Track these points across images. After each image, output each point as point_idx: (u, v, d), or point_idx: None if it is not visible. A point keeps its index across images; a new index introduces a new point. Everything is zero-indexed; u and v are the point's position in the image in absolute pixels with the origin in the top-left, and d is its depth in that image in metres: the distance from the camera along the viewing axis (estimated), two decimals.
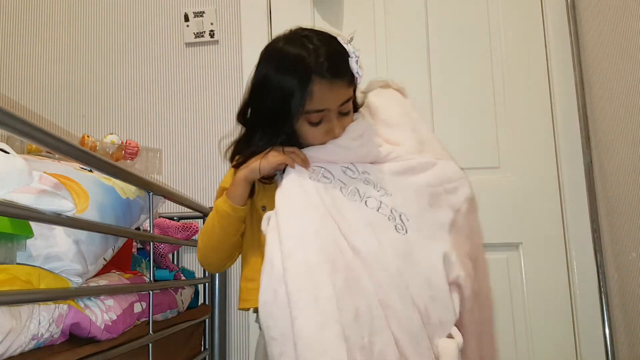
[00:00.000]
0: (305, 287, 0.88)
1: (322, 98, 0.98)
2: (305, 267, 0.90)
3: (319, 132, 1.02)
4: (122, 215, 1.07)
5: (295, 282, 0.89)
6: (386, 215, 1.00)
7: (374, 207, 1.01)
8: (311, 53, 0.96)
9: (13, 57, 2.00)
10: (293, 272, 0.90)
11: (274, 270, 0.91)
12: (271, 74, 1.00)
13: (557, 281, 1.68)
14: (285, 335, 0.87)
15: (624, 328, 1.54)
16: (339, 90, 0.99)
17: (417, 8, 1.85)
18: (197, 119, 1.89)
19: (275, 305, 0.89)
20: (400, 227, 1.00)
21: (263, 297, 0.91)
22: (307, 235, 0.93)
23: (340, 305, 0.88)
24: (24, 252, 0.88)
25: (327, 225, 0.95)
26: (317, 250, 0.92)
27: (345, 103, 1.02)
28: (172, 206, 1.74)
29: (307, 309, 0.87)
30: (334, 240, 0.94)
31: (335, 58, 0.98)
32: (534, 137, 1.75)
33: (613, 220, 1.58)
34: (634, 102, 1.45)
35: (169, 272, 1.41)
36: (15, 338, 0.75)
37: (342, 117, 1.04)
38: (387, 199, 1.02)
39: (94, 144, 1.44)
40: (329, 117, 1.01)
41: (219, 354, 1.66)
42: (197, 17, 1.92)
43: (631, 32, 1.46)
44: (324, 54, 0.96)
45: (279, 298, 0.89)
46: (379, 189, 1.03)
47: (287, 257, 0.91)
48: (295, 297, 0.88)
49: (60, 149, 0.79)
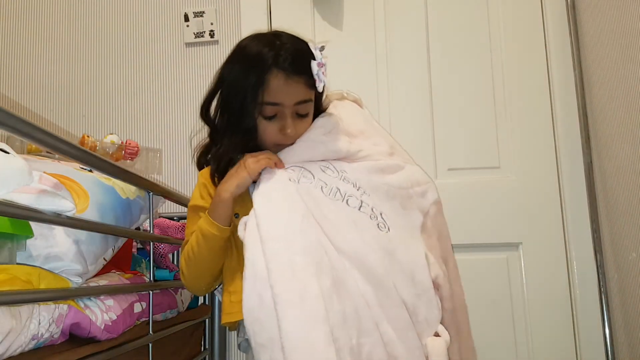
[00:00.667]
0: (292, 288, 0.86)
1: (277, 91, 0.98)
2: (290, 268, 0.88)
3: (273, 127, 1.02)
4: (122, 215, 1.07)
5: (281, 284, 0.87)
6: (368, 214, 1.00)
7: (355, 206, 1.00)
8: (275, 47, 0.98)
9: (13, 57, 2.00)
10: (278, 273, 0.88)
11: (257, 273, 0.89)
12: (235, 66, 1.02)
13: (557, 281, 1.68)
14: (273, 339, 0.85)
15: (624, 328, 1.54)
16: (296, 87, 0.99)
17: (417, 8, 1.85)
18: (197, 119, 1.88)
19: (261, 310, 0.87)
20: (382, 225, 1.00)
21: (248, 302, 0.89)
22: (290, 235, 0.92)
23: (328, 306, 0.86)
24: (24, 252, 0.88)
25: (310, 225, 0.94)
26: (302, 251, 0.90)
27: (302, 104, 1.01)
28: (172, 206, 1.74)
29: (293, 310, 0.85)
30: (318, 241, 0.93)
31: (298, 56, 0.99)
32: (534, 137, 1.75)
33: (613, 220, 1.58)
34: (634, 102, 1.45)
35: (169, 272, 1.41)
36: (15, 338, 0.75)
37: (299, 119, 1.03)
38: (366, 197, 1.02)
39: (94, 144, 1.44)
40: (283, 114, 1.01)
41: (219, 354, 1.66)
42: (197, 17, 1.92)
43: (631, 32, 1.46)
44: (287, 50, 0.98)
45: (265, 302, 0.87)
46: (357, 187, 1.03)
47: (271, 259, 0.89)
48: (282, 298, 0.85)
49: (60, 149, 0.79)
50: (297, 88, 0.99)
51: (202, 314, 1.58)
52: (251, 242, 0.93)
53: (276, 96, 0.99)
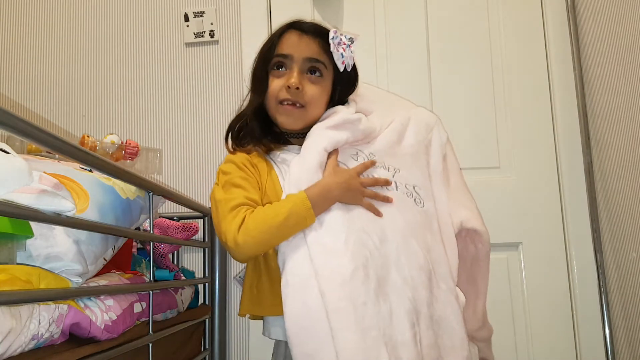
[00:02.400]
0: (344, 296, 0.86)
1: (289, 44, 1.05)
2: (340, 275, 0.88)
3: (279, 82, 1.05)
4: (122, 215, 1.07)
5: (333, 292, 0.86)
6: (404, 192, 1.02)
7: (392, 188, 1.02)
8: (295, 20, 1.09)
9: (13, 57, 2.00)
10: (329, 281, 0.87)
11: (300, 279, 0.89)
12: (263, 44, 1.12)
13: (557, 281, 1.68)
14: (321, 349, 0.84)
15: (624, 328, 1.54)
16: (307, 43, 1.05)
17: (417, 8, 1.85)
18: (197, 119, 1.89)
19: (307, 319, 0.86)
20: (418, 200, 1.02)
21: (291, 310, 0.87)
22: (337, 242, 0.92)
23: (376, 308, 0.87)
24: (24, 252, 0.88)
25: (354, 220, 0.95)
26: (350, 254, 0.90)
27: (313, 62, 1.05)
28: (172, 206, 1.74)
29: (348, 319, 0.84)
30: (363, 231, 0.93)
31: (317, 25, 1.08)
32: (534, 137, 1.75)
33: (613, 220, 1.58)
34: (634, 102, 1.45)
35: (169, 272, 1.41)
36: (15, 338, 0.75)
37: (308, 80, 1.05)
38: (398, 175, 1.03)
39: (94, 144, 1.44)
40: (291, 68, 1.05)
41: (219, 354, 1.66)
42: (197, 17, 1.92)
43: (631, 32, 1.46)
44: (306, 21, 1.08)
45: (311, 310, 0.86)
46: (387, 167, 1.04)
47: (318, 264, 0.89)
48: (335, 306, 0.85)
49: (60, 149, 0.79)
50: (309, 44, 1.05)
51: (202, 314, 1.58)
52: (292, 246, 0.92)
53: (286, 48, 1.05)
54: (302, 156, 1.01)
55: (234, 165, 1.05)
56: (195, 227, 1.47)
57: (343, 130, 1.03)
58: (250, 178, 1.03)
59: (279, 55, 1.05)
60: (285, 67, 1.05)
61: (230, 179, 1.02)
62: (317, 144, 1.01)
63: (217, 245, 1.68)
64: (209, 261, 1.70)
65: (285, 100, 1.05)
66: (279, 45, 1.06)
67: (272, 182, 1.04)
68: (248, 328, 1.75)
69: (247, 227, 0.94)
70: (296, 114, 1.06)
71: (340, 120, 1.04)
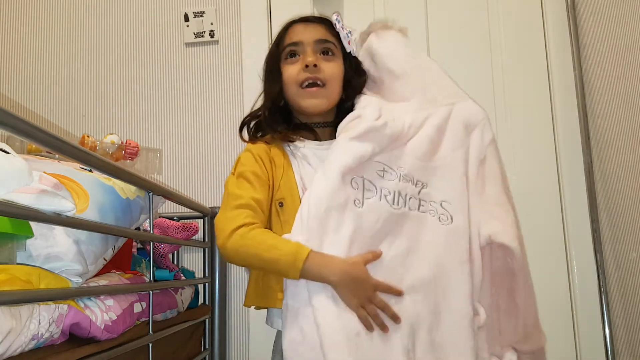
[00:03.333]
0: (339, 328, 0.87)
1: (296, 33, 1.10)
2: (335, 306, 0.89)
3: (295, 68, 1.08)
4: (122, 215, 1.07)
5: (327, 325, 0.87)
6: (428, 211, 0.99)
7: (414, 208, 0.98)
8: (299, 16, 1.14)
9: (13, 57, 2.00)
10: (324, 312, 0.88)
11: (301, 307, 0.90)
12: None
13: (557, 281, 1.68)
14: None
15: (624, 328, 1.54)
16: (314, 27, 1.10)
17: (417, 8, 1.85)
18: (197, 119, 1.89)
19: (303, 345, 0.88)
20: (445, 217, 0.98)
21: (289, 335, 0.90)
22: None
23: (369, 337, 0.88)
24: (24, 252, 0.88)
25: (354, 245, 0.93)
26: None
27: (324, 42, 1.09)
28: (172, 206, 1.74)
29: (341, 355, 0.85)
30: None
31: (319, 16, 1.15)
32: (534, 137, 1.75)
33: (613, 220, 1.58)
34: (634, 102, 1.45)
35: (169, 272, 1.40)
36: (15, 338, 0.75)
37: (323, 59, 1.08)
38: (423, 192, 1.00)
39: (94, 144, 1.44)
40: (304, 51, 1.08)
41: (219, 354, 1.66)
42: (197, 17, 1.92)
43: (631, 32, 1.46)
44: (308, 15, 1.13)
45: (307, 337, 0.88)
46: (415, 182, 1.00)
47: (313, 292, 0.90)
48: (329, 342, 0.86)
49: (60, 149, 0.79)
50: (315, 28, 1.10)
51: (202, 314, 1.58)
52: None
53: (295, 37, 1.09)
54: (325, 173, 0.97)
55: (251, 156, 1.05)
56: (195, 227, 1.47)
57: (367, 142, 0.98)
58: (262, 175, 1.03)
59: (289, 44, 1.09)
60: (297, 54, 1.09)
61: (244, 171, 1.03)
62: (339, 161, 0.97)
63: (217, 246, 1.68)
64: (209, 261, 1.70)
65: (306, 81, 1.06)
66: (286, 37, 1.10)
67: (288, 178, 1.03)
68: (248, 328, 1.75)
69: (239, 240, 0.94)
70: (321, 94, 1.07)
71: (364, 129, 0.98)
